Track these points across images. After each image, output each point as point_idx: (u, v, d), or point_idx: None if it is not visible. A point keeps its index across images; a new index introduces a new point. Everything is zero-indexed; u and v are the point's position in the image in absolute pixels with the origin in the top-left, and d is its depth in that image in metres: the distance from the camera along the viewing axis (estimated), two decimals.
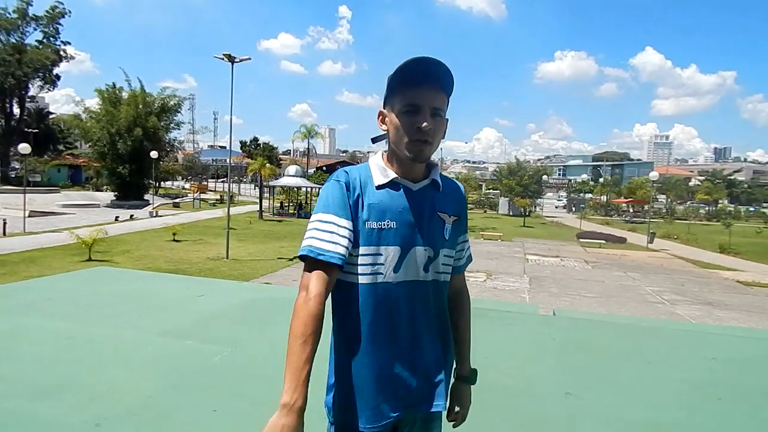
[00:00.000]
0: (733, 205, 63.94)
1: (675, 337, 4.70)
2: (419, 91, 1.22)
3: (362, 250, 1.23)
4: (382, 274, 1.24)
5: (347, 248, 1.20)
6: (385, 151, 1.35)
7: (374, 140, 1.45)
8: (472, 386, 1.50)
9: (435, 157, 1.41)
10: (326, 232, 1.20)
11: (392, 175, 1.28)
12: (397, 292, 1.25)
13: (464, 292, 1.52)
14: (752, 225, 41.64)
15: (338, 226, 1.20)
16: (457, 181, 1.44)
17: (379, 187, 1.26)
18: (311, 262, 1.18)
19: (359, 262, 1.23)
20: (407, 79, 1.22)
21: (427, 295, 1.29)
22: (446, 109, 1.28)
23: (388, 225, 1.24)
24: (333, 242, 1.18)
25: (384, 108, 1.30)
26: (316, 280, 1.17)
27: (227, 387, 3.06)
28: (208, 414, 2.69)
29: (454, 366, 1.46)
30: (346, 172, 1.28)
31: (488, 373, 3.53)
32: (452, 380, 1.45)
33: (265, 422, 1.04)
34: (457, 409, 1.48)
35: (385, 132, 1.31)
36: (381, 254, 1.23)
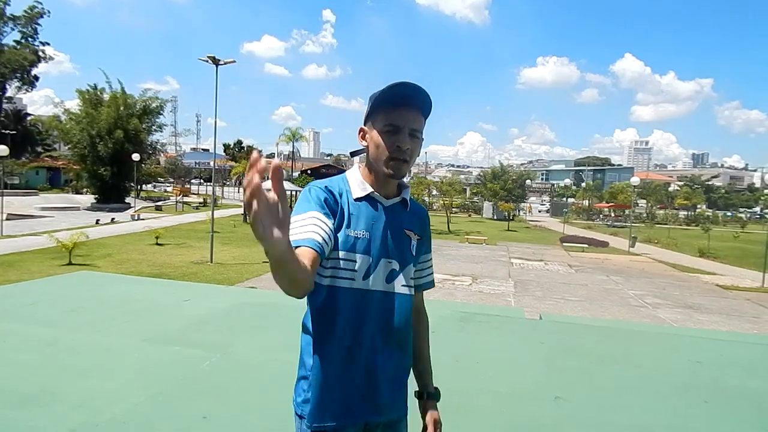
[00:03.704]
0: (711, 210, 65.23)
1: (660, 341, 4.76)
2: (400, 112, 1.29)
3: (341, 253, 1.29)
4: (354, 279, 1.30)
5: (325, 240, 1.19)
6: (361, 165, 1.42)
7: (353, 154, 1.50)
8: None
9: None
10: (305, 225, 1.20)
11: (369, 189, 1.35)
12: (365, 299, 1.31)
13: (423, 311, 1.57)
14: (730, 229, 42.49)
15: (318, 219, 1.22)
16: (421, 205, 1.54)
17: (357, 200, 1.34)
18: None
19: (334, 266, 1.29)
20: (390, 100, 1.29)
21: (392, 305, 1.35)
22: (423, 130, 1.36)
23: (362, 234, 1.31)
24: (312, 231, 1.18)
25: (365, 125, 1.38)
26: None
27: (217, 393, 3.01)
28: (198, 421, 2.65)
29: (419, 384, 1.52)
30: (327, 185, 1.34)
31: (478, 376, 3.54)
32: (422, 400, 1.50)
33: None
34: (431, 428, 1.46)
35: (365, 147, 1.38)
36: (355, 261, 1.30)
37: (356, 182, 1.37)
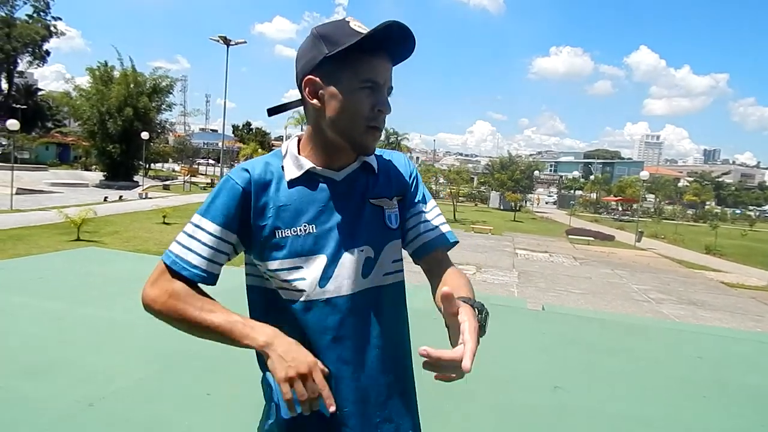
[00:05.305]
0: (720, 207, 64.73)
1: (662, 336, 4.77)
2: (382, 62, 0.95)
3: (275, 264, 0.98)
4: (304, 291, 0.97)
5: (215, 263, 0.99)
6: (299, 135, 1.07)
7: (272, 112, 1.13)
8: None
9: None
10: (193, 239, 0.97)
11: (307, 165, 1.00)
12: (325, 312, 0.98)
13: (455, 270, 1.13)
14: (738, 227, 42.16)
15: (211, 235, 0.96)
16: (397, 152, 1.17)
17: (291, 184, 0.99)
18: (168, 267, 0.97)
19: (275, 278, 1.00)
20: (377, 45, 0.92)
21: (368, 307, 1.02)
22: None
23: (304, 230, 0.97)
24: (195, 253, 0.96)
25: (313, 74, 0.96)
26: (163, 283, 0.97)
27: (221, 371, 3.06)
28: (202, 397, 2.70)
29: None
30: (247, 170, 0.99)
31: (478, 364, 3.56)
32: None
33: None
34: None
35: (315, 108, 0.98)
36: (300, 267, 0.97)
37: (291, 158, 1.02)
